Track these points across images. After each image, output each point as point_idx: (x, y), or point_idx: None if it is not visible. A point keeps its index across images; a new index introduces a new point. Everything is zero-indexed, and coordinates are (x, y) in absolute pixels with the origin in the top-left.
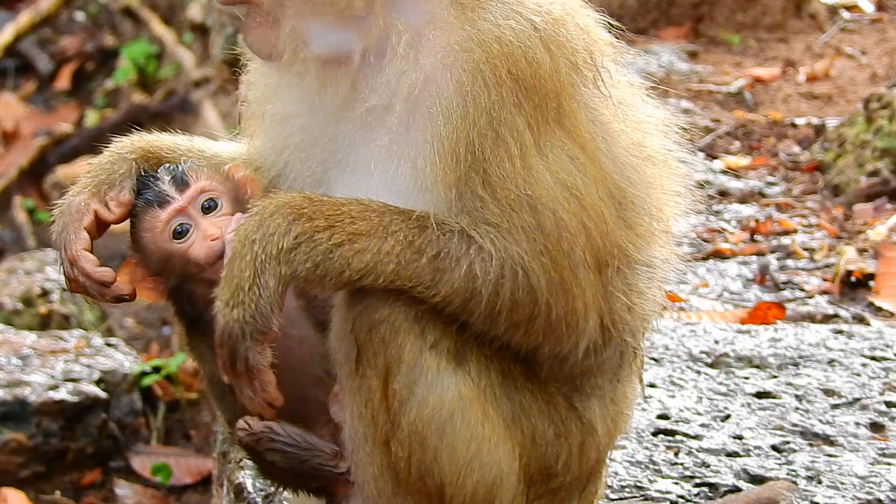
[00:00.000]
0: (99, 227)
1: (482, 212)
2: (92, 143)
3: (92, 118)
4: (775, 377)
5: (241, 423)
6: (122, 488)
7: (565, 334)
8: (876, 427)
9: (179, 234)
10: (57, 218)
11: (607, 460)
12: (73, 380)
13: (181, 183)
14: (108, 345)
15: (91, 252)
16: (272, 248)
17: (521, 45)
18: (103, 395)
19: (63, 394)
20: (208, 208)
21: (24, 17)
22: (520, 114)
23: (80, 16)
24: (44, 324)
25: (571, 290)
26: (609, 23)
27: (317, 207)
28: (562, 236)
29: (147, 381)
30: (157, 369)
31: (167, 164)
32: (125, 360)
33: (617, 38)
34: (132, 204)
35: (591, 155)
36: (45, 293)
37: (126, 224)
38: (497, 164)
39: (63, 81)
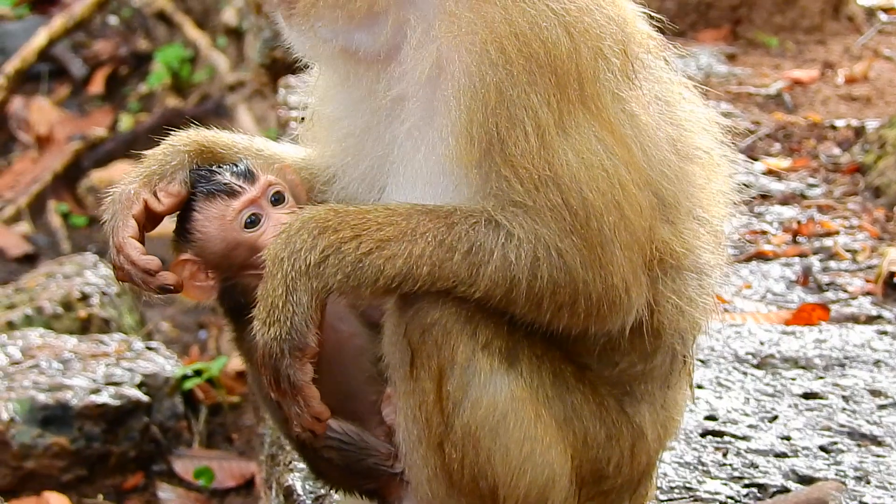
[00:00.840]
0: (148, 217)
1: (508, 192)
2: (126, 147)
3: (126, 122)
4: (821, 378)
5: None
6: (165, 492)
7: (608, 313)
8: None
9: (251, 223)
10: (107, 207)
11: (657, 462)
12: (115, 383)
13: (249, 176)
14: (149, 348)
15: (139, 241)
16: (300, 264)
17: (532, 26)
18: (145, 398)
19: (105, 397)
20: (276, 201)
21: (58, 22)
22: (534, 91)
23: (113, 20)
24: (84, 328)
25: (607, 267)
26: (652, 17)
27: (342, 218)
28: (589, 214)
29: (189, 384)
30: (198, 373)
31: (227, 162)
32: (166, 364)
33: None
34: (182, 195)
35: (619, 139)
36: (84, 297)
37: (166, 228)
38: (513, 142)
39: (97, 86)
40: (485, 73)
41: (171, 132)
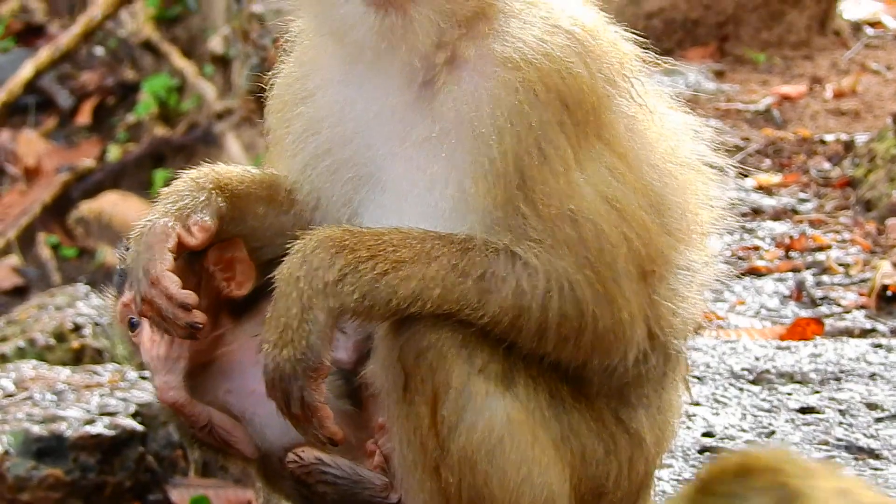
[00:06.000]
0: (179, 251)
1: (524, 228)
2: (115, 177)
3: (114, 153)
4: (818, 392)
5: (290, 455)
6: None
7: (613, 345)
8: None
9: (133, 325)
10: (136, 239)
11: (655, 475)
12: (110, 413)
13: None
14: (143, 378)
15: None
16: (318, 282)
17: (565, 61)
18: (140, 428)
19: (100, 428)
20: None
21: (44, 53)
22: (562, 130)
23: (99, 51)
24: (77, 358)
25: (616, 300)
26: (636, 37)
27: (357, 238)
28: (603, 248)
29: None
30: None
31: None
32: None
33: (645, 53)
34: (213, 230)
35: (630, 164)
36: (77, 328)
37: None
38: (542, 181)
39: (84, 117)
40: (528, 112)
41: (160, 161)
